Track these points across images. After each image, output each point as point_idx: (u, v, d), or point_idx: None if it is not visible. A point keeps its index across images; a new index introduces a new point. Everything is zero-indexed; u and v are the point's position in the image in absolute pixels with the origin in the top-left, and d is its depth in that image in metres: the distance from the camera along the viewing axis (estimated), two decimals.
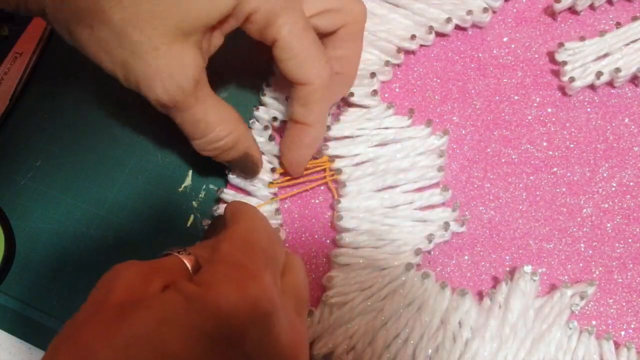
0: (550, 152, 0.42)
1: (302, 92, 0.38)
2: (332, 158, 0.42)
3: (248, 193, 0.42)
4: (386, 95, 0.45)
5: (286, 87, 0.41)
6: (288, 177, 0.42)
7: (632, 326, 0.37)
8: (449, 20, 0.45)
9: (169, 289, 0.26)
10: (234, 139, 0.38)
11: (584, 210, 0.41)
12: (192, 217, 0.42)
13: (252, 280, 0.26)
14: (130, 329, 0.24)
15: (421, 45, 0.46)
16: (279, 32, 0.35)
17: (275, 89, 0.44)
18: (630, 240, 0.40)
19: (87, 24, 0.33)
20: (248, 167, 0.40)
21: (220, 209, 0.41)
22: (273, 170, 0.42)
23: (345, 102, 0.44)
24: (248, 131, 0.39)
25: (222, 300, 0.25)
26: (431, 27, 0.45)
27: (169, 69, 0.34)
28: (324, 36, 0.39)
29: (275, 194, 0.42)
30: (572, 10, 0.46)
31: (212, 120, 0.37)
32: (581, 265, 0.39)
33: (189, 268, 0.29)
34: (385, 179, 0.41)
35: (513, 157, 0.42)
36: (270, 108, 0.44)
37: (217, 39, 0.37)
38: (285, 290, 0.29)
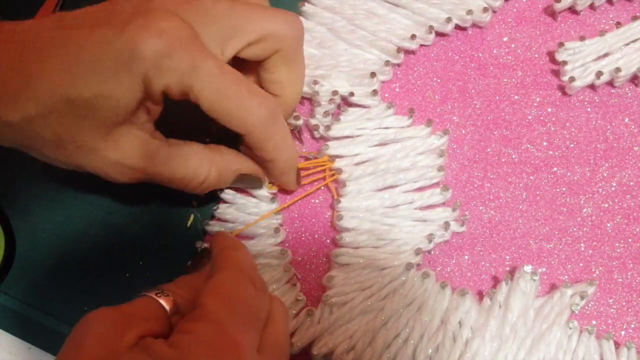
0: (550, 152, 0.42)
1: (249, 141, 0.36)
2: (332, 158, 0.42)
3: (248, 193, 0.42)
4: (386, 95, 0.45)
5: None
6: None
7: (632, 326, 0.37)
8: (449, 20, 0.45)
9: (142, 349, 0.26)
10: (216, 172, 0.38)
11: (584, 210, 0.41)
12: (192, 217, 0.42)
13: (231, 351, 0.26)
14: None
15: (421, 45, 0.46)
16: (198, 98, 0.34)
17: None
18: (630, 240, 0.40)
19: (34, 147, 0.35)
20: (251, 184, 0.40)
21: (221, 208, 0.41)
22: None
23: (345, 102, 0.44)
24: (228, 153, 0.38)
25: None
26: (431, 27, 0.45)
27: (115, 159, 0.35)
28: (257, 62, 0.38)
29: (275, 194, 0.42)
30: (572, 10, 0.46)
31: (184, 173, 0.37)
32: (581, 265, 0.39)
33: (167, 311, 0.28)
34: (385, 179, 0.41)
35: (513, 157, 0.42)
36: None
37: (154, 107, 0.36)
38: (266, 347, 0.29)
